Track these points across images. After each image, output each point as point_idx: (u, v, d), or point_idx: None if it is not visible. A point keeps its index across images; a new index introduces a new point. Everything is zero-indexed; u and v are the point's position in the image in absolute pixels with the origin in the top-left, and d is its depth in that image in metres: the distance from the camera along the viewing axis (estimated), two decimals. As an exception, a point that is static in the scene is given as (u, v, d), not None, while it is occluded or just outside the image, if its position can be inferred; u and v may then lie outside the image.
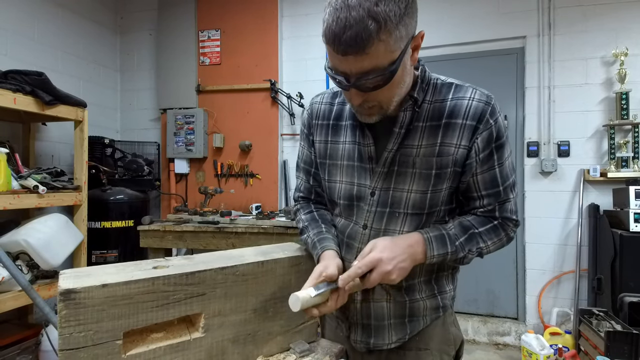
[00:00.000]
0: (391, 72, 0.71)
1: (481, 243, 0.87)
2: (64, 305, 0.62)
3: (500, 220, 0.89)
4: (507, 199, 0.88)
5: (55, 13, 3.16)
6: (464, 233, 0.86)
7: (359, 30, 0.65)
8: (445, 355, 0.95)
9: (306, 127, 1.04)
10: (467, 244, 0.85)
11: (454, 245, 0.84)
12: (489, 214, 0.89)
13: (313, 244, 0.93)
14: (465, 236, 0.85)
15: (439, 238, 0.84)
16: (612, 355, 2.03)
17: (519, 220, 0.92)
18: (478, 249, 0.87)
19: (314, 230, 0.96)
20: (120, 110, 3.92)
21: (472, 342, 3.10)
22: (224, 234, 2.62)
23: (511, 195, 0.89)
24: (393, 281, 0.78)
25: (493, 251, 0.90)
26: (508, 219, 0.89)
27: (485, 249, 0.88)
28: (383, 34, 0.66)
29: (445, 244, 0.83)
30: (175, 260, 0.84)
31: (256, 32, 3.49)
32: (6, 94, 2.11)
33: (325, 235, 0.94)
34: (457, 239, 0.84)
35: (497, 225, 0.89)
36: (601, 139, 2.90)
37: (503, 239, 0.90)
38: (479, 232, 0.87)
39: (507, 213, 0.89)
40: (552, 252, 3.01)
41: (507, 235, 0.90)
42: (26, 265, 2.25)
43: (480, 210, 0.89)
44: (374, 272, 0.77)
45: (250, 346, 0.86)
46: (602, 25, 2.89)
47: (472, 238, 0.86)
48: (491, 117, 0.82)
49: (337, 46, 0.69)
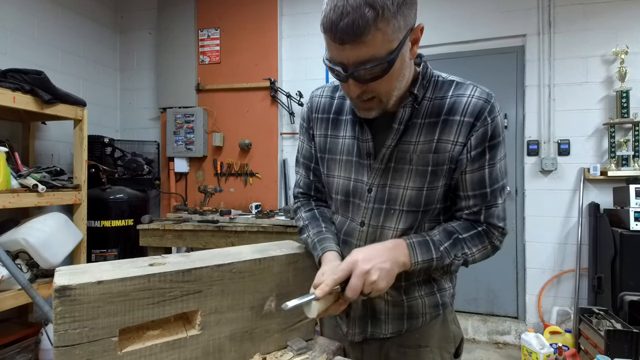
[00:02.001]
0: (389, 62, 0.70)
1: (466, 249, 0.84)
2: (59, 302, 0.62)
3: (485, 227, 0.86)
4: (495, 203, 0.85)
5: (55, 12, 3.16)
6: (448, 238, 0.83)
7: (355, 18, 0.65)
8: (445, 352, 0.95)
9: (306, 121, 1.02)
10: (452, 249, 0.82)
11: (439, 251, 0.81)
12: (474, 217, 0.86)
13: (313, 245, 0.92)
14: (450, 241, 0.83)
15: (423, 243, 0.82)
16: (612, 354, 2.02)
17: (507, 228, 0.87)
18: (463, 255, 0.83)
19: (314, 230, 0.95)
20: (120, 109, 3.93)
21: (472, 341, 3.10)
22: (224, 233, 2.62)
23: (499, 200, 0.85)
24: (376, 284, 0.74)
25: (478, 260, 0.87)
26: (493, 225, 0.85)
27: (470, 255, 0.85)
28: (380, 22, 0.66)
29: (429, 249, 0.81)
30: (172, 257, 0.84)
31: (256, 31, 3.49)
32: (5, 92, 2.11)
33: (325, 235, 0.92)
34: (442, 244, 0.82)
35: (482, 232, 0.86)
36: (601, 138, 2.89)
37: (488, 247, 0.86)
38: (463, 237, 0.84)
39: (492, 219, 0.85)
40: (552, 251, 3.01)
41: (492, 243, 0.86)
42: (26, 264, 2.25)
43: (466, 212, 0.86)
44: (353, 276, 0.74)
45: (248, 343, 0.86)
46: (602, 24, 2.88)
47: (456, 243, 0.83)
48: (489, 115, 0.81)
49: (334, 34, 0.68)
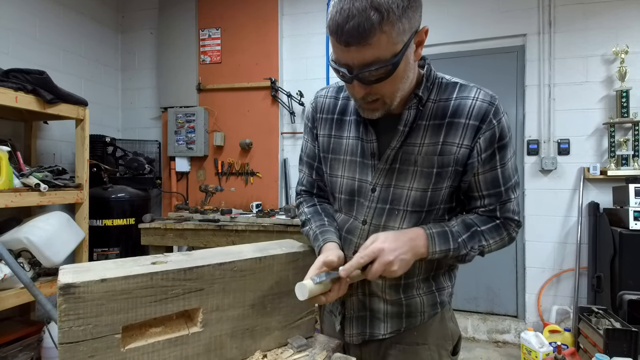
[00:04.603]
0: (393, 64, 0.71)
1: (483, 241, 0.87)
2: (63, 300, 0.63)
3: (502, 220, 0.89)
4: (509, 199, 0.88)
5: (57, 12, 3.17)
6: (466, 230, 0.86)
7: (361, 21, 0.66)
8: (443, 350, 0.96)
9: (310, 121, 1.04)
10: (469, 242, 0.85)
11: (456, 242, 0.84)
12: (491, 213, 0.89)
13: (315, 236, 0.94)
14: (468, 234, 0.86)
15: (442, 234, 0.84)
16: (611, 353, 2.03)
17: (521, 220, 0.91)
18: (480, 247, 0.87)
19: (317, 223, 0.97)
20: (122, 109, 3.94)
21: (472, 339, 3.11)
22: (225, 232, 2.63)
23: (513, 196, 0.89)
24: (394, 273, 0.78)
25: (494, 250, 0.91)
26: (510, 219, 0.89)
27: (487, 247, 0.88)
28: (385, 25, 0.67)
29: (447, 240, 0.84)
30: (174, 256, 0.85)
31: (256, 31, 3.49)
32: (8, 92, 2.13)
33: (327, 227, 0.95)
34: (460, 236, 0.85)
35: (499, 225, 0.89)
36: (601, 137, 2.90)
37: (505, 238, 0.90)
38: (482, 230, 0.87)
39: (508, 213, 0.89)
40: (552, 250, 3.01)
41: (509, 235, 0.91)
42: (28, 263, 2.26)
43: (482, 209, 0.90)
44: (376, 263, 0.77)
45: (248, 341, 0.87)
46: (602, 23, 2.89)
47: (474, 236, 0.86)
48: (494, 117, 0.82)
49: (339, 36, 0.70)
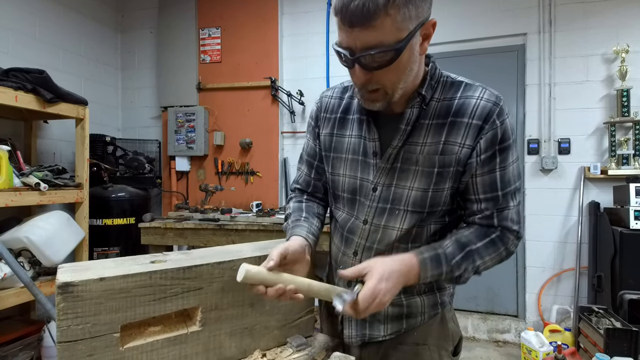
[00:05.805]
0: (396, 50, 0.70)
1: (478, 260, 0.83)
2: (62, 298, 0.63)
3: (500, 231, 0.85)
4: (507, 206, 0.84)
5: (57, 11, 3.17)
6: (460, 250, 0.82)
7: (366, 1, 0.66)
8: (443, 350, 0.95)
9: (314, 120, 1.04)
10: (463, 262, 0.82)
11: (449, 265, 0.81)
12: (487, 221, 0.85)
13: (287, 231, 0.96)
14: (462, 254, 0.82)
15: (434, 258, 0.81)
16: (612, 353, 2.02)
17: (522, 232, 0.87)
18: (474, 267, 0.83)
19: (293, 218, 0.98)
20: (122, 108, 3.94)
21: (472, 339, 3.10)
22: (225, 232, 2.63)
23: (512, 203, 0.84)
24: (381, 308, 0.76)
25: (491, 267, 0.86)
26: (507, 228, 0.84)
27: (482, 265, 0.84)
28: (391, 9, 0.67)
29: (440, 264, 0.81)
30: (173, 255, 0.85)
31: (256, 30, 3.49)
32: (7, 91, 2.12)
33: (300, 223, 0.95)
34: (454, 258, 0.81)
35: (496, 239, 0.85)
36: (602, 137, 2.89)
37: (502, 253, 0.86)
38: (477, 248, 0.83)
39: (506, 222, 0.84)
40: (552, 249, 3.01)
41: (507, 249, 0.85)
42: (28, 262, 2.26)
43: (478, 216, 0.86)
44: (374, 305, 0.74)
45: (247, 340, 0.87)
46: (602, 22, 2.88)
47: (468, 256, 0.82)
48: (498, 117, 0.80)
49: (344, 16, 0.69)
